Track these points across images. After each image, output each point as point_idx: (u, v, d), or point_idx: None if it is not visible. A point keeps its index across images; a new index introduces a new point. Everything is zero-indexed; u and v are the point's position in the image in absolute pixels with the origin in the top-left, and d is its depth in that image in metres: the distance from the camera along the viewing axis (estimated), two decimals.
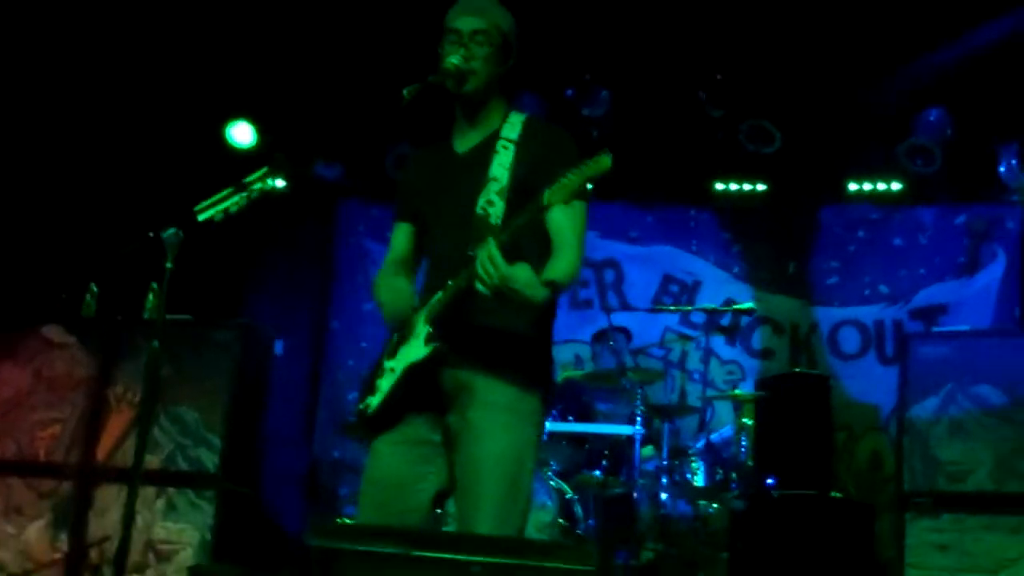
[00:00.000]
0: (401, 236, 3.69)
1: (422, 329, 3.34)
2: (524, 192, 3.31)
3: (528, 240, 3.28)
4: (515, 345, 3.34)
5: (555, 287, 3.25)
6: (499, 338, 3.32)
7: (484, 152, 3.49)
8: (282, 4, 7.70)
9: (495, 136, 3.51)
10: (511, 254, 3.11)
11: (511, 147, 3.46)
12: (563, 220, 3.31)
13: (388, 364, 3.43)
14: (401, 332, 3.44)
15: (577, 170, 3.02)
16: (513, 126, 3.52)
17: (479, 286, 3.11)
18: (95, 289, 6.99)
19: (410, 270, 3.67)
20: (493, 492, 3.25)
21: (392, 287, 3.49)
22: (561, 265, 3.31)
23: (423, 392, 3.35)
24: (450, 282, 3.29)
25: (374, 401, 3.41)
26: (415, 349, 3.33)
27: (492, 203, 3.38)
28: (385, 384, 3.40)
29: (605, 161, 3.01)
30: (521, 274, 3.11)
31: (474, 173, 3.45)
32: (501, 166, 3.43)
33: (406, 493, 3.36)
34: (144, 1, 7.52)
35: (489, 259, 3.07)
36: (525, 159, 3.42)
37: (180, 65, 8.03)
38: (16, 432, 6.56)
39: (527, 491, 3.35)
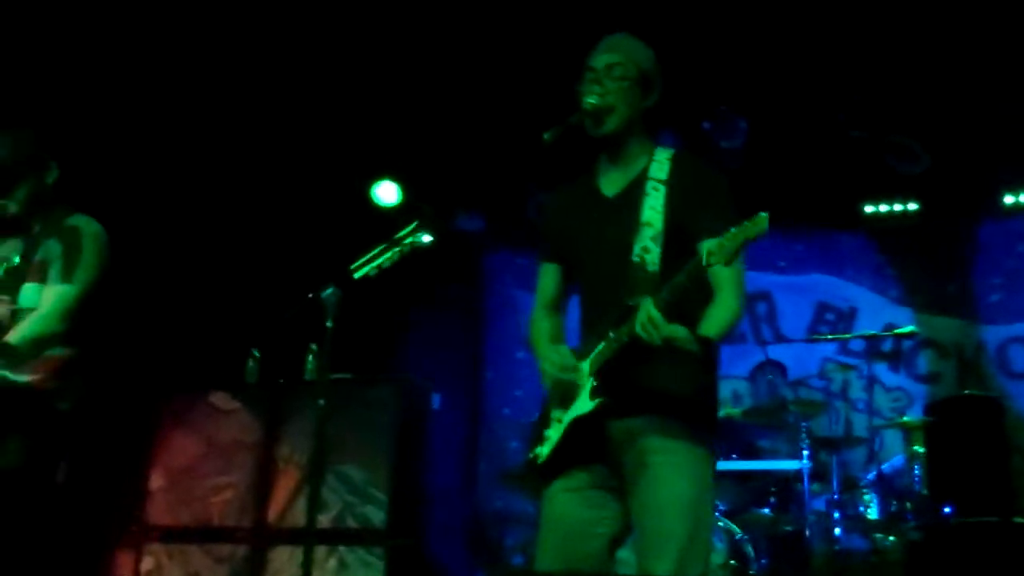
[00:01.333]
0: (549, 277, 3.71)
1: (587, 382, 3.33)
2: (678, 235, 3.33)
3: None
4: (682, 392, 3.32)
5: (709, 342, 3.25)
6: (665, 388, 3.31)
7: (633, 194, 3.46)
8: (410, 59, 7.79)
9: (643, 176, 3.48)
10: (670, 307, 3.10)
11: (662, 188, 3.43)
12: (721, 272, 3.26)
13: (555, 414, 3.44)
14: (565, 382, 3.42)
15: (737, 231, 2.96)
16: (661, 164, 3.49)
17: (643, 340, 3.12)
18: (256, 354, 7.16)
19: (559, 310, 3.72)
20: (678, 535, 3.23)
21: (553, 354, 3.46)
22: (716, 320, 3.30)
23: (593, 442, 3.35)
24: (612, 333, 3.28)
25: (544, 451, 3.43)
26: (581, 402, 3.33)
27: (648, 250, 3.36)
28: (554, 434, 3.41)
29: (763, 222, 2.95)
30: (679, 334, 3.13)
31: (625, 217, 3.43)
32: (653, 209, 3.40)
33: (584, 538, 3.37)
34: (273, 69, 7.70)
35: (649, 320, 3.09)
36: (677, 201, 3.39)
37: (323, 127, 8.20)
38: (190, 499, 6.75)
39: (708, 534, 3.35)
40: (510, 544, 8.45)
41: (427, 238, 8.62)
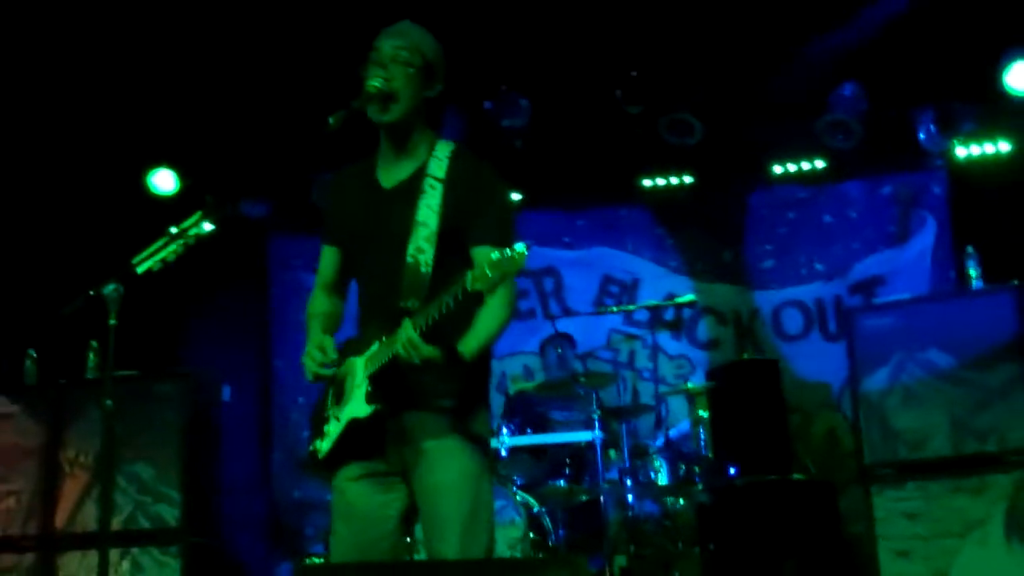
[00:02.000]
0: (328, 260, 3.70)
1: (362, 383, 3.36)
2: (453, 236, 3.40)
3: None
4: (453, 386, 3.39)
5: (469, 359, 3.31)
6: (435, 392, 3.37)
7: (411, 190, 3.46)
8: (189, 40, 7.57)
9: (422, 173, 3.48)
10: (430, 328, 3.17)
11: (439, 187, 3.43)
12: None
13: (332, 411, 3.46)
14: (341, 376, 3.46)
15: (497, 264, 2.99)
16: (440, 162, 3.49)
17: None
18: (34, 354, 6.86)
19: (339, 293, 3.72)
20: (457, 517, 3.34)
21: (315, 349, 3.46)
22: (477, 335, 3.34)
23: (371, 438, 3.39)
24: (384, 337, 3.33)
25: (324, 446, 3.46)
26: (357, 405, 3.36)
27: (421, 250, 3.38)
28: (332, 431, 3.44)
29: (521, 257, 3.00)
30: (436, 356, 3.21)
31: (402, 214, 3.44)
32: (429, 208, 3.41)
33: (375, 522, 3.43)
34: (49, 53, 7.37)
35: (408, 342, 3.17)
36: (452, 202, 3.41)
37: (97, 114, 7.89)
38: None
39: (489, 513, 3.45)
40: (310, 533, 8.38)
41: (209, 226, 8.47)
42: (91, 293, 3.84)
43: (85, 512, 6.29)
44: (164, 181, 8.43)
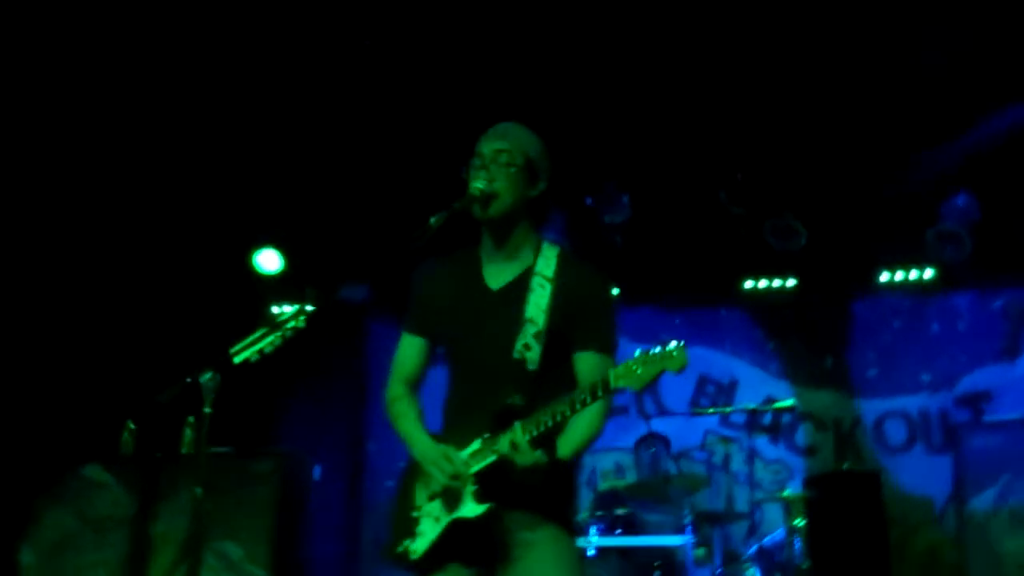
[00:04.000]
0: (412, 350, 3.66)
1: (469, 483, 3.31)
2: (561, 336, 3.39)
3: (556, 387, 3.30)
4: (551, 490, 3.36)
5: (565, 464, 3.33)
6: (537, 492, 3.33)
7: (519, 289, 3.46)
8: (300, 123, 7.74)
9: (529, 272, 3.47)
10: (538, 437, 3.19)
11: (548, 286, 3.44)
12: (590, 374, 3.31)
13: (430, 509, 3.41)
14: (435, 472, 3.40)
15: (652, 361, 3.06)
16: (548, 261, 3.49)
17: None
18: (132, 426, 6.96)
19: (417, 386, 3.69)
20: None
21: (454, 468, 3.37)
22: (574, 440, 3.33)
23: (468, 541, 3.34)
24: (488, 434, 3.30)
25: (419, 547, 3.39)
26: (466, 505, 3.31)
27: (529, 347, 3.37)
28: (429, 531, 3.38)
29: (682, 357, 3.08)
30: (540, 462, 3.20)
31: (509, 312, 3.43)
32: (537, 307, 3.41)
33: None
34: (150, 134, 7.58)
35: (515, 447, 3.17)
36: (561, 302, 3.41)
37: (203, 195, 8.07)
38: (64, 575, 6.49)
39: None
40: None
41: (309, 308, 8.58)
42: (188, 380, 3.86)
43: None
44: (269, 261, 8.57)
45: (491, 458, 3.26)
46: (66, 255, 7.87)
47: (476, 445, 3.32)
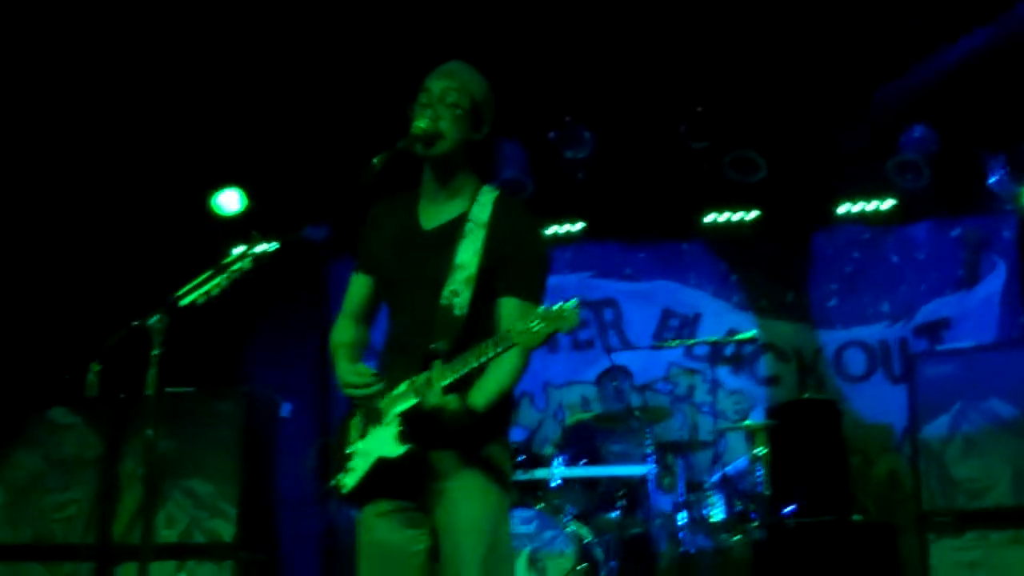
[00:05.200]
0: (358, 288, 3.68)
1: (393, 423, 3.35)
2: (489, 280, 3.39)
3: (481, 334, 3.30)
4: (477, 434, 3.39)
5: (476, 416, 3.32)
6: (463, 432, 3.36)
7: (452, 233, 3.46)
8: (260, 66, 7.68)
9: (463, 217, 3.47)
10: (460, 348, 3.23)
11: (480, 232, 3.44)
12: (511, 321, 3.30)
13: (360, 445, 3.44)
14: (368, 411, 3.46)
15: (547, 320, 3.04)
16: (483, 207, 3.48)
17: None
18: (96, 368, 6.93)
19: (366, 322, 3.71)
20: (473, 559, 3.32)
21: (358, 371, 3.46)
22: (487, 390, 3.35)
23: (399, 476, 3.38)
24: (414, 379, 3.32)
25: (349, 481, 3.44)
26: (388, 445, 3.34)
27: (457, 292, 3.38)
28: (358, 466, 3.42)
29: (574, 315, 3.04)
30: (451, 407, 3.24)
31: (441, 255, 3.43)
32: (468, 252, 3.41)
33: (400, 559, 3.42)
34: (117, 69, 7.51)
35: (428, 388, 3.22)
36: (493, 247, 3.41)
37: (164, 135, 8.02)
38: (31, 516, 6.55)
39: (508, 551, 3.47)
40: None
41: (269, 247, 8.58)
42: (134, 324, 3.89)
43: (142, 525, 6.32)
44: (230, 201, 8.52)
45: (413, 400, 3.30)
46: (26, 198, 7.82)
47: (403, 387, 3.35)
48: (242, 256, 3.93)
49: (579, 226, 9.05)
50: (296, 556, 7.86)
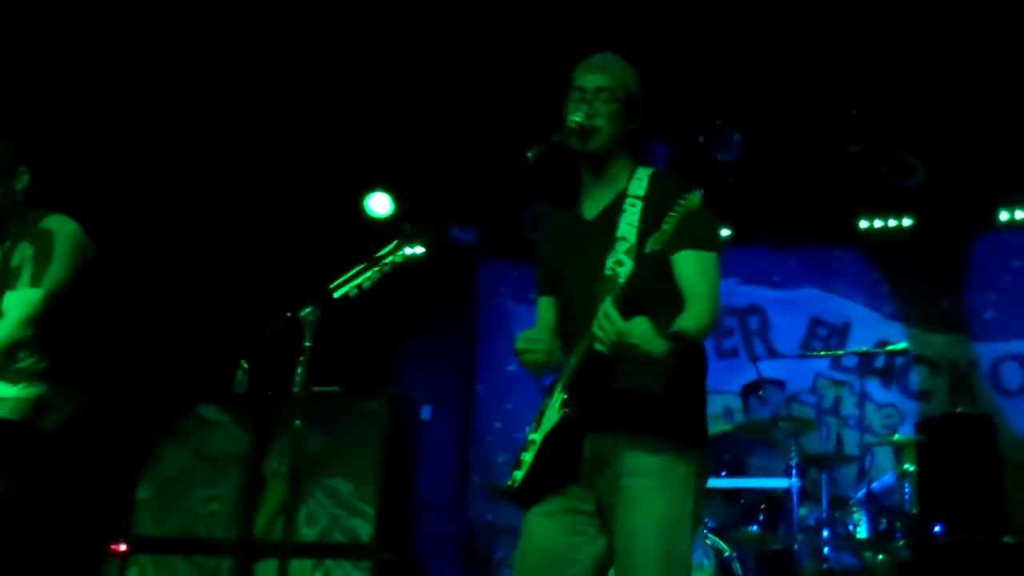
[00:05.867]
0: (546, 310, 3.63)
1: (558, 397, 3.28)
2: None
3: (654, 296, 3.20)
4: (658, 407, 3.24)
5: (680, 338, 3.13)
6: (638, 401, 3.23)
7: (612, 213, 3.43)
8: (413, 72, 7.79)
9: (622, 195, 3.44)
10: (631, 311, 3.06)
11: (638, 204, 3.39)
12: (690, 271, 3.26)
13: (532, 436, 3.37)
14: (544, 403, 3.39)
15: (672, 214, 2.99)
16: (640, 182, 3.45)
17: (598, 345, 3.07)
18: (245, 365, 7.13)
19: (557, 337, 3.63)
20: (651, 558, 3.15)
21: (526, 336, 3.41)
22: (689, 316, 3.22)
23: (568, 463, 3.28)
24: (580, 345, 3.24)
25: (519, 475, 3.34)
26: (549, 418, 3.27)
27: (621, 263, 3.29)
28: (528, 457, 3.34)
29: (695, 199, 2.97)
30: (637, 328, 3.05)
31: (603, 235, 3.39)
32: (628, 224, 3.35)
33: (562, 564, 3.30)
34: (270, 79, 7.70)
35: (605, 316, 3.04)
36: (651, 214, 3.31)
37: (316, 141, 8.20)
38: (177, 510, 6.73)
39: (685, 559, 3.24)
40: (500, 557, 8.43)
41: (419, 251, 8.71)
42: (288, 316, 3.96)
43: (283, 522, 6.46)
44: (380, 204, 8.68)
45: (579, 361, 3.21)
46: (184, 196, 8.08)
47: (571, 363, 3.28)
48: (394, 250, 3.98)
49: (726, 232, 8.92)
50: (432, 559, 7.95)
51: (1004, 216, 8.47)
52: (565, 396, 3.23)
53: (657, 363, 3.11)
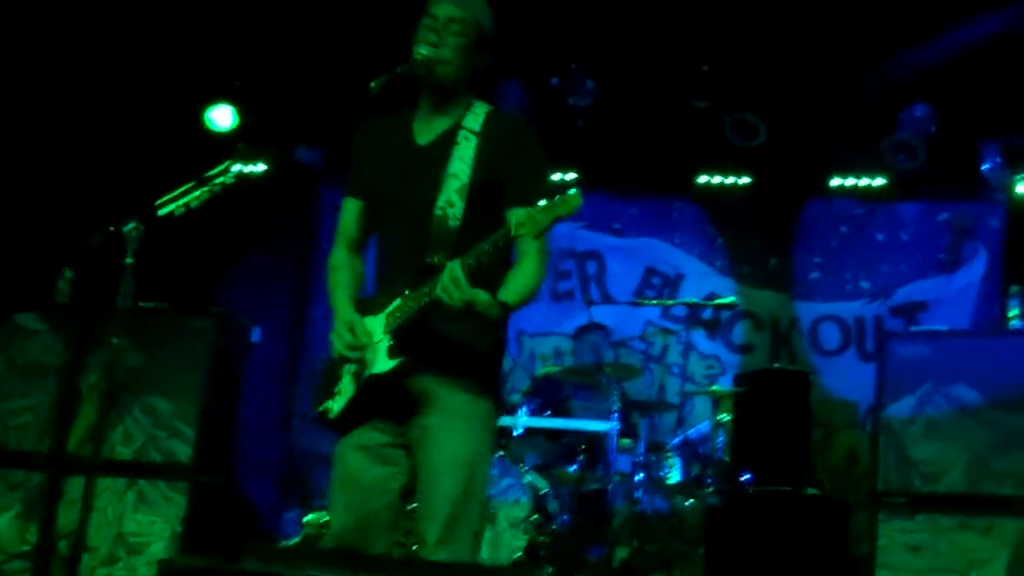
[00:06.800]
0: (351, 213, 3.63)
1: (383, 340, 3.31)
2: (485, 190, 3.33)
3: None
4: (473, 355, 3.36)
5: (508, 308, 3.28)
6: (458, 349, 3.33)
7: (445, 144, 3.42)
8: None
9: (457, 127, 3.44)
10: (474, 272, 3.13)
11: (472, 139, 3.40)
12: (527, 240, 3.27)
13: (347, 368, 3.40)
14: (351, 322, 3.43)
15: (549, 207, 3.00)
16: (476, 116, 3.46)
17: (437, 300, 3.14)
18: (69, 275, 6.90)
19: (361, 250, 3.67)
20: (448, 496, 3.30)
21: (343, 328, 3.41)
22: (516, 287, 3.32)
23: (384, 398, 3.35)
24: (407, 291, 3.27)
25: (335, 406, 3.42)
26: (378, 361, 3.31)
27: (451, 203, 3.33)
28: (346, 389, 3.40)
29: (575, 200, 2.99)
30: (480, 298, 3.16)
31: (434, 168, 3.39)
32: (462, 160, 3.36)
33: (374, 495, 3.41)
34: None
35: (453, 281, 3.10)
36: (487, 154, 3.36)
37: (159, 47, 7.95)
38: None
39: (482, 495, 3.42)
40: (323, 485, 8.42)
41: (260, 168, 8.56)
42: (111, 229, 3.86)
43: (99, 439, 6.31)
44: (223, 117, 8.48)
45: (410, 311, 3.25)
46: (9, 100, 7.75)
47: (396, 303, 3.32)
48: (225, 170, 3.90)
49: (572, 175, 9.00)
50: (252, 484, 7.90)
51: (836, 182, 8.72)
52: (393, 343, 3.29)
53: (487, 322, 3.25)
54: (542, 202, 3.01)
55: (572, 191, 3.00)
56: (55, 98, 7.90)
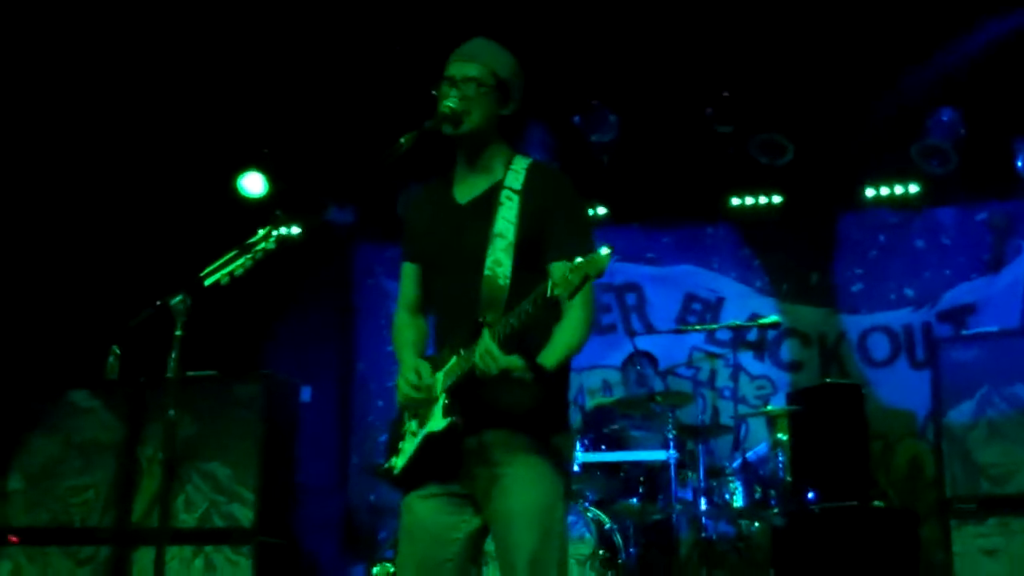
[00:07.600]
0: (410, 278, 3.68)
1: (440, 397, 3.34)
2: (530, 248, 3.37)
3: (536, 326, 3.24)
4: (531, 405, 3.34)
5: (545, 373, 3.27)
6: (507, 408, 3.33)
7: (488, 203, 3.45)
8: (286, 50, 7.68)
9: (499, 186, 3.47)
10: (510, 338, 3.15)
11: (516, 198, 3.42)
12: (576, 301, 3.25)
13: (409, 426, 3.45)
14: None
15: (578, 267, 2.98)
16: (516, 174, 3.48)
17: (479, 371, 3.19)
18: (117, 351, 6.97)
19: (423, 312, 3.69)
20: (527, 545, 3.29)
21: (410, 372, 3.42)
22: (557, 347, 3.32)
23: (447, 456, 3.37)
24: (463, 351, 3.30)
25: (399, 463, 3.45)
26: (434, 419, 3.34)
27: (500, 263, 3.35)
28: (408, 447, 3.43)
29: (604, 259, 2.98)
30: (515, 365, 3.18)
31: (479, 226, 3.42)
32: (506, 220, 3.40)
33: (441, 544, 3.40)
34: (144, 55, 7.52)
35: (487, 353, 3.14)
36: (529, 211, 3.40)
37: (188, 119, 8.04)
38: (49, 500, 6.57)
39: (561, 540, 3.40)
40: (383, 537, 8.42)
41: (295, 232, 8.62)
42: (157, 304, 3.88)
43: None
44: (254, 184, 8.55)
45: (462, 371, 3.27)
46: (50, 183, 7.85)
47: (452, 362, 3.34)
48: (266, 236, 3.91)
49: (602, 211, 9.01)
50: (315, 542, 7.90)
51: (870, 193, 8.69)
52: (448, 402, 3.31)
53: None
54: (578, 259, 3.01)
55: (603, 250, 2.99)
56: (94, 179, 7.99)
